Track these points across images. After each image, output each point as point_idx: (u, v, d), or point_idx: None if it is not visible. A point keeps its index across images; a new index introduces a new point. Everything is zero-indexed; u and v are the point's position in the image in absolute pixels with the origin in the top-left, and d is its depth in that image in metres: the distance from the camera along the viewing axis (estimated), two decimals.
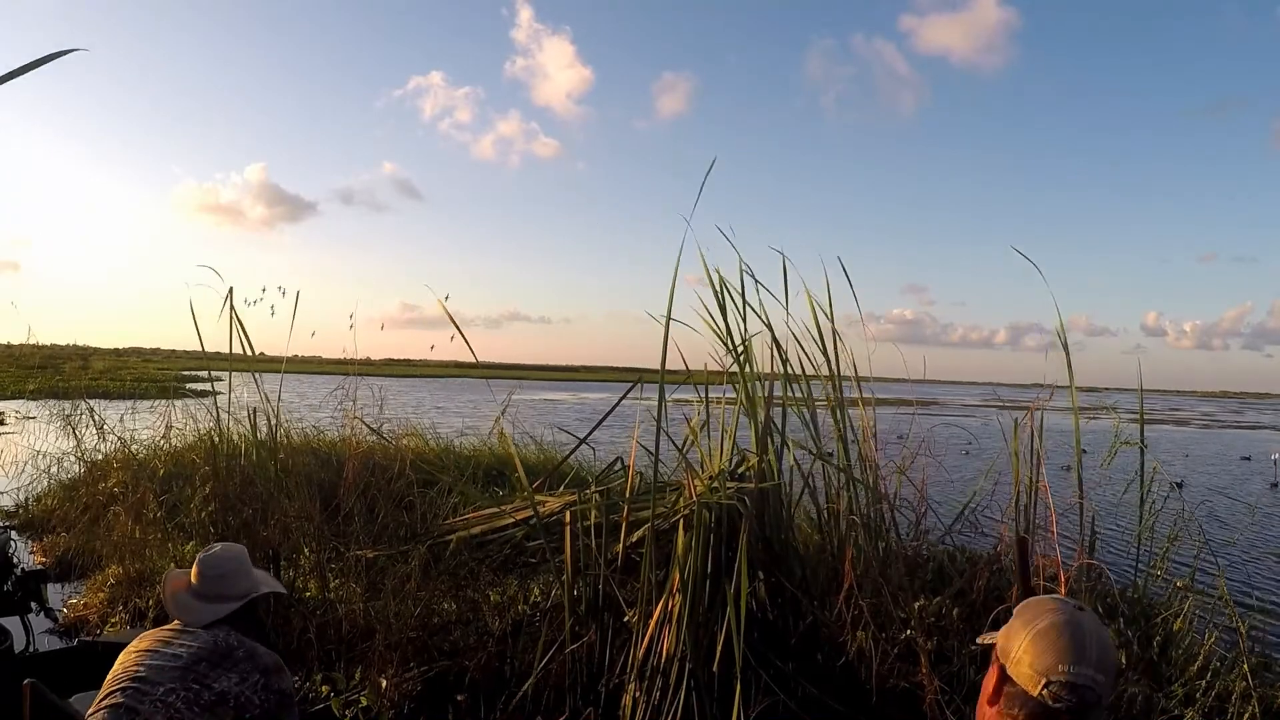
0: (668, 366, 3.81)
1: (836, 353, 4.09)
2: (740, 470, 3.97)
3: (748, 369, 3.91)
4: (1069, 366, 3.94)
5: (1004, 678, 1.28)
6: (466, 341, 4.20)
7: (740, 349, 3.89)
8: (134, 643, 2.15)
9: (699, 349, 4.06)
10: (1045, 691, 1.22)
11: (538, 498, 4.67)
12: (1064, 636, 1.24)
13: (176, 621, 2.17)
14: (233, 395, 5.39)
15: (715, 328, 3.92)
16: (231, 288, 4.92)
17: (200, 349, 5.13)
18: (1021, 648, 1.26)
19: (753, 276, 4.01)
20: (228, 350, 5.02)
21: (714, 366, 4.11)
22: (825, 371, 4.10)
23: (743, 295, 4.00)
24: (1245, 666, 3.40)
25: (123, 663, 2.09)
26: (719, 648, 3.28)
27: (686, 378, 4.22)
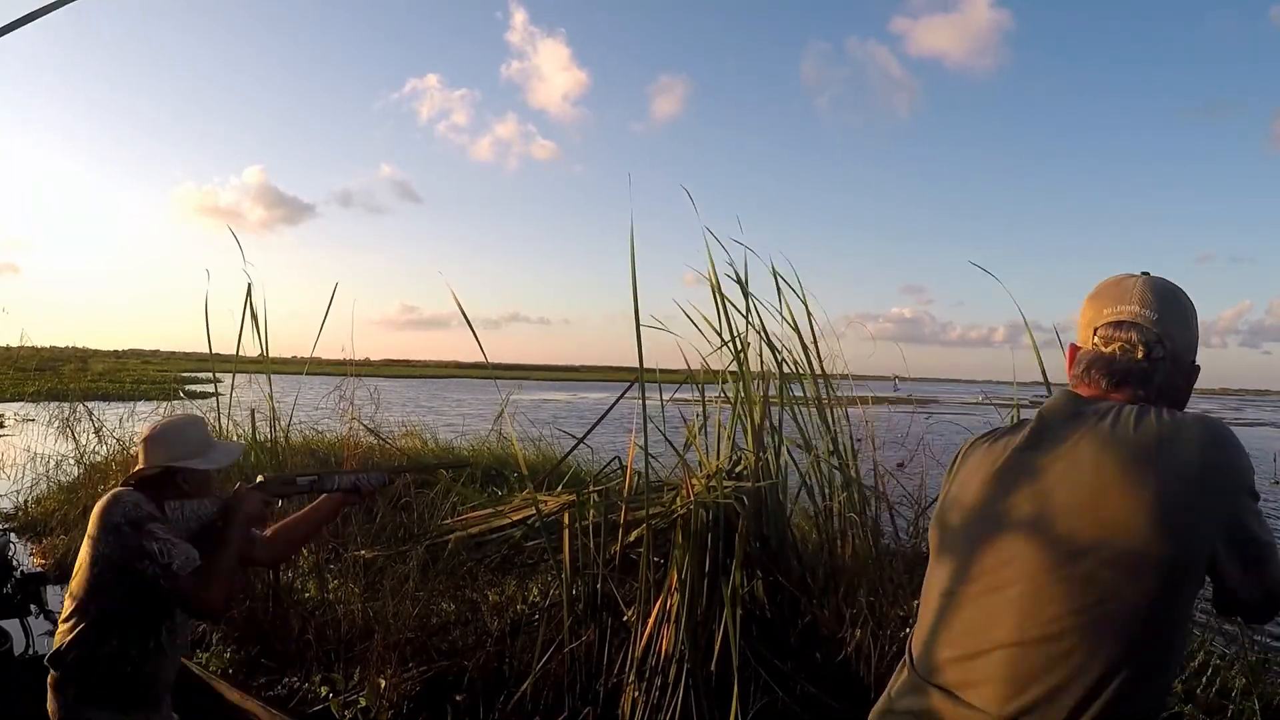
0: (668, 366, 3.81)
1: (816, 353, 4.07)
2: (738, 469, 3.97)
3: (745, 368, 3.90)
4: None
5: (1074, 351, 1.30)
6: (478, 340, 4.17)
7: (741, 348, 3.88)
8: None
9: (697, 348, 4.06)
10: (1096, 338, 1.24)
11: (539, 497, 4.66)
12: (1112, 287, 1.25)
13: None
14: (233, 396, 5.38)
15: (715, 327, 3.91)
16: (250, 284, 4.90)
17: (208, 349, 5.13)
18: (1081, 313, 1.29)
19: (739, 281, 4.01)
20: (231, 351, 5.02)
21: (711, 366, 4.11)
22: (823, 370, 4.09)
23: (746, 297, 3.99)
24: (1246, 663, 3.40)
25: None
26: (717, 646, 3.28)
27: (688, 377, 4.21)
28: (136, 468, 2.20)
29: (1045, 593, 1.10)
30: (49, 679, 2.14)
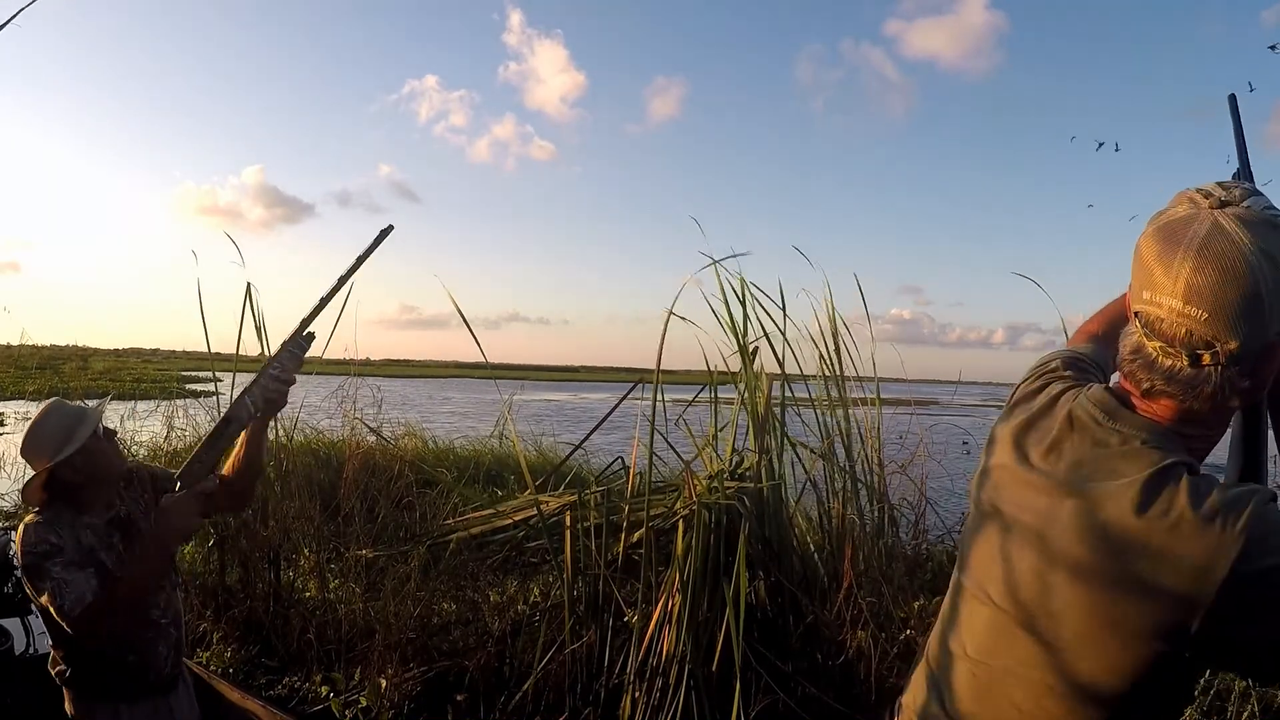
0: (669, 367, 3.80)
1: (839, 352, 4.08)
2: (740, 470, 3.97)
3: (749, 369, 3.90)
4: None
5: (1129, 300, 1.04)
6: (477, 341, 4.18)
7: (752, 348, 3.88)
8: None
9: (699, 349, 4.06)
10: (1136, 322, 1.00)
11: (540, 498, 4.67)
12: (1156, 247, 0.95)
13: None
14: (233, 396, 5.38)
15: (724, 327, 3.90)
16: (250, 283, 4.90)
17: (207, 348, 5.12)
18: (1135, 253, 1.00)
19: (739, 286, 4.01)
20: (232, 350, 5.01)
21: (715, 366, 4.11)
22: (826, 371, 4.09)
23: (744, 303, 3.99)
24: None
25: None
26: (719, 647, 3.28)
27: (708, 381, 4.20)
28: (26, 484, 2.15)
29: None
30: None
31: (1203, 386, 0.95)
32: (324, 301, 2.07)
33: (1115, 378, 1.10)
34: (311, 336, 2.10)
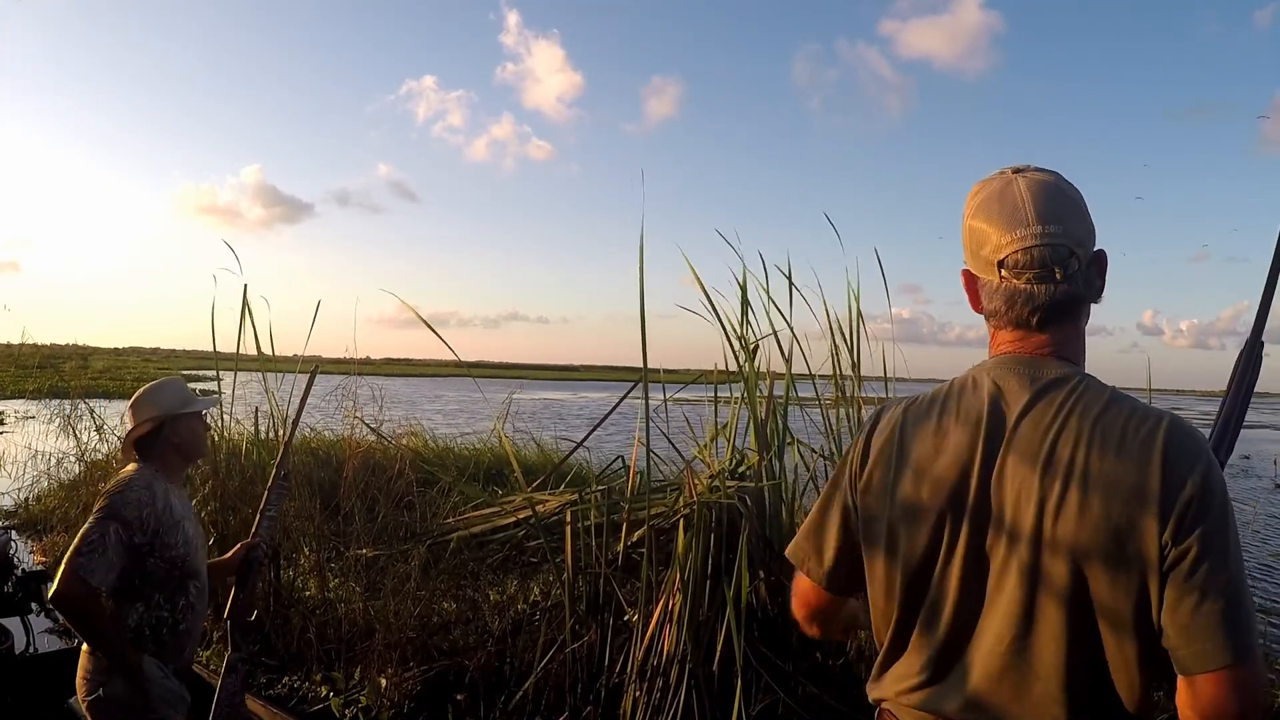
0: (669, 366, 3.80)
1: (857, 351, 4.05)
2: (741, 469, 3.97)
3: (752, 368, 3.89)
4: None
5: (971, 278, 1.17)
6: (450, 347, 4.23)
7: (753, 347, 3.86)
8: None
9: (699, 348, 4.06)
10: (1005, 272, 1.10)
11: (538, 497, 4.67)
12: (997, 204, 1.11)
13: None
14: (234, 395, 5.38)
15: (729, 326, 3.89)
16: (246, 285, 4.91)
17: (210, 348, 5.14)
18: (967, 242, 1.15)
19: (741, 286, 4.00)
20: (233, 350, 5.02)
21: (715, 365, 4.10)
22: (830, 370, 4.08)
23: (745, 305, 3.98)
24: None
25: None
26: (719, 647, 3.28)
27: (698, 377, 4.20)
28: (130, 431, 2.30)
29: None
30: (85, 646, 2.21)
31: (1075, 294, 1.09)
32: (289, 438, 2.91)
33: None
34: (288, 476, 2.84)
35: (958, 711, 1.09)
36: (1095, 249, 1.12)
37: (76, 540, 2.09)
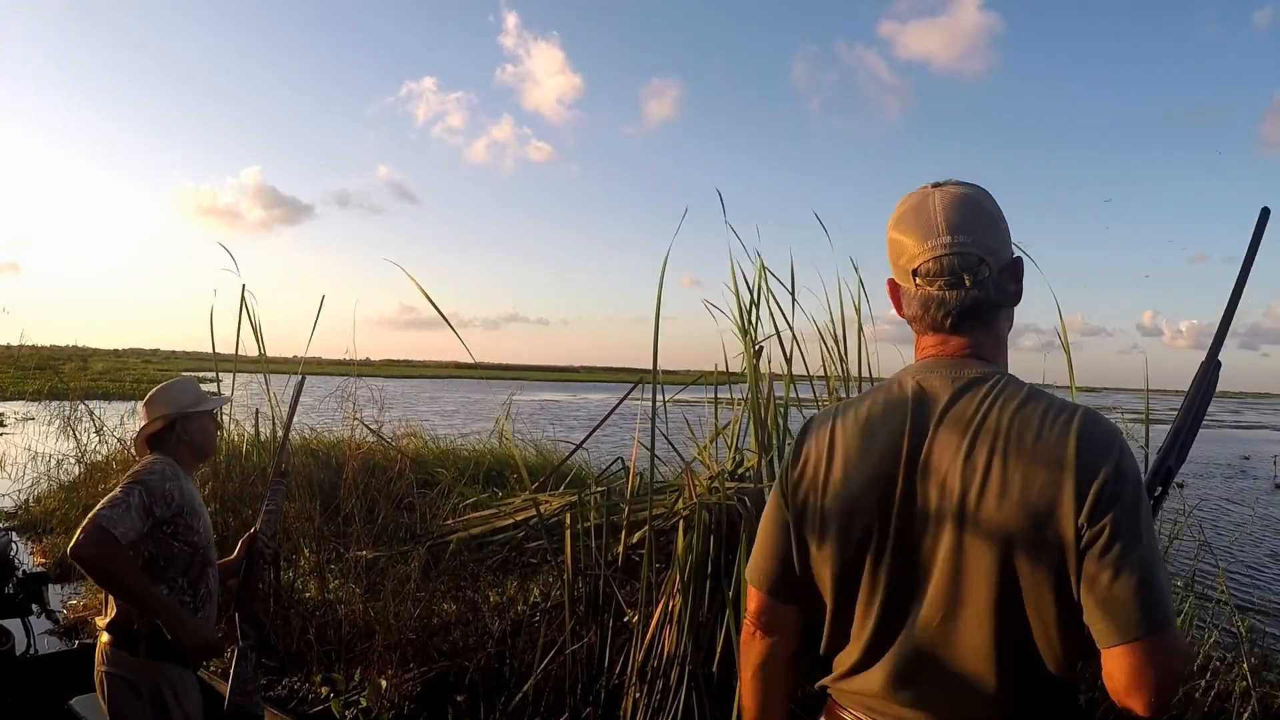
0: (670, 367, 3.80)
1: (863, 350, 4.04)
2: (741, 471, 3.97)
3: (754, 369, 3.89)
4: (1070, 367, 3.93)
5: (894, 286, 1.25)
6: (464, 343, 4.19)
7: (757, 348, 3.86)
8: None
9: (699, 349, 4.06)
10: (918, 279, 1.18)
11: (540, 498, 4.67)
12: (913, 217, 1.19)
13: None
14: (234, 396, 5.38)
15: (736, 326, 3.88)
16: (244, 285, 4.92)
17: (208, 349, 5.14)
18: (889, 253, 1.23)
19: (750, 288, 4.00)
20: (233, 351, 5.02)
21: (713, 366, 4.10)
22: (833, 370, 4.08)
23: (754, 305, 3.98)
24: (1245, 666, 3.40)
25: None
26: (719, 648, 3.28)
27: (699, 378, 4.19)
28: (143, 428, 2.35)
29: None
30: (100, 643, 2.24)
31: (988, 298, 1.16)
32: (284, 439, 3.04)
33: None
34: (287, 474, 2.92)
35: (890, 692, 1.15)
36: (1013, 256, 1.20)
37: (101, 502, 2.11)
